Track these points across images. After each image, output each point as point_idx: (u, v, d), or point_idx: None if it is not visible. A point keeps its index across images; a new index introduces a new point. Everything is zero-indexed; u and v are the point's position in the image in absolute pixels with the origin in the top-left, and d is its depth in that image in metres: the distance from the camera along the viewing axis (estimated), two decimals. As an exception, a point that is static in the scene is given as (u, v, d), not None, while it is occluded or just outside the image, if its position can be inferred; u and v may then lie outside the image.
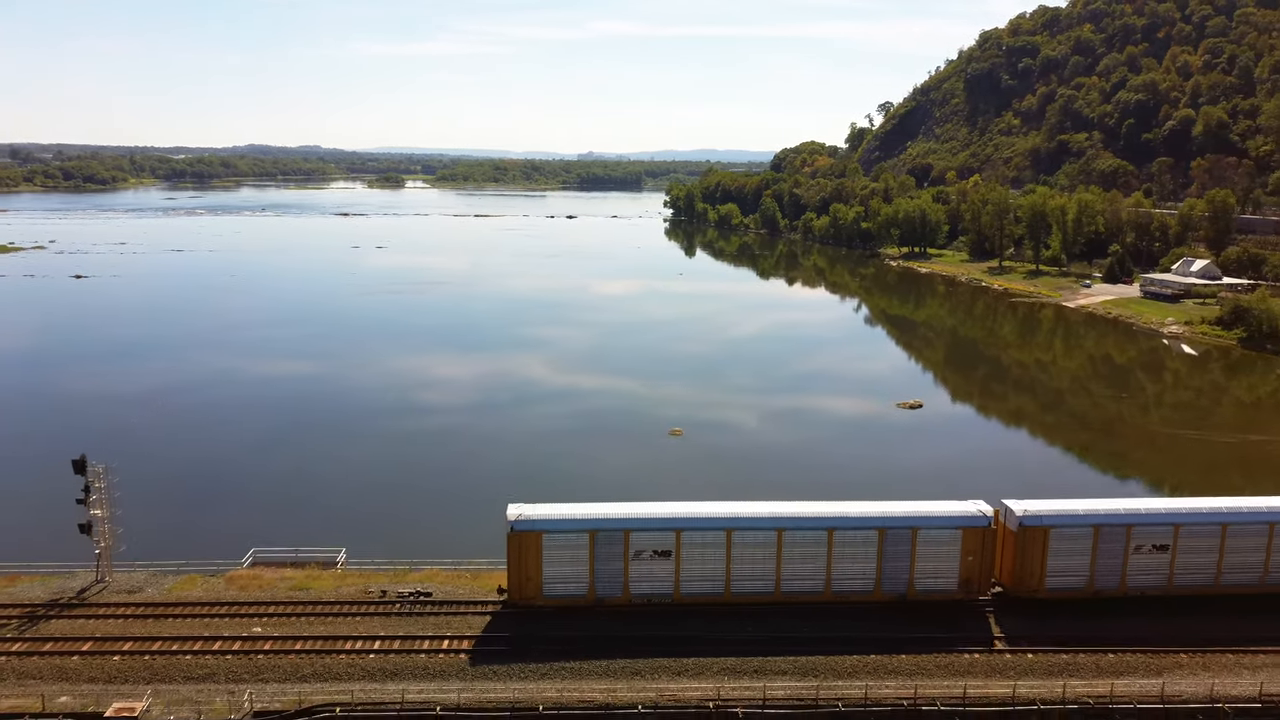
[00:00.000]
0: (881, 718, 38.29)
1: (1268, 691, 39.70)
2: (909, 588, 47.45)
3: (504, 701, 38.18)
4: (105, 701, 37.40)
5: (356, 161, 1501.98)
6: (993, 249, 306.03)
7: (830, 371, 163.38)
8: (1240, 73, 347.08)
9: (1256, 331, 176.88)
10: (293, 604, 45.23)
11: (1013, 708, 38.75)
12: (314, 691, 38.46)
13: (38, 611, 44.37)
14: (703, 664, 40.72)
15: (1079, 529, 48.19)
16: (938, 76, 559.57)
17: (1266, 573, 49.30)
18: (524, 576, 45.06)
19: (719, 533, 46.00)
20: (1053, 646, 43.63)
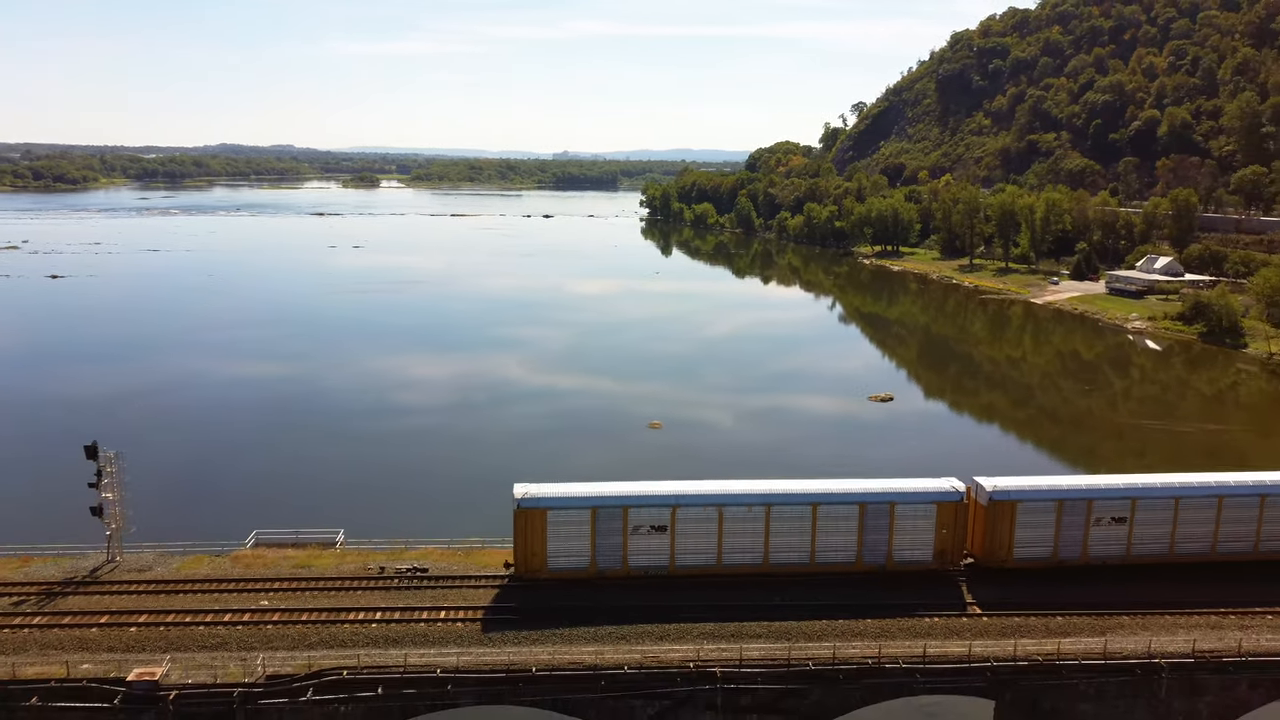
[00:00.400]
0: (848, 675, 41.55)
1: (1200, 648, 43.27)
2: (888, 559, 50.85)
3: (499, 664, 41.07)
4: (126, 668, 39.89)
5: (331, 161, 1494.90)
6: (963, 247, 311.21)
7: (805, 370, 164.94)
8: (1203, 74, 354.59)
9: (1216, 326, 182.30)
10: (297, 580, 47.90)
11: (968, 664, 42.18)
12: (322, 657, 41.17)
13: (54, 589, 46.75)
14: (684, 628, 43.82)
15: (1044, 503, 51.82)
16: (910, 77, 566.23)
17: (1216, 542, 53.07)
18: (530, 551, 48.12)
19: (711, 509, 49.23)
20: (1006, 610, 47.01)
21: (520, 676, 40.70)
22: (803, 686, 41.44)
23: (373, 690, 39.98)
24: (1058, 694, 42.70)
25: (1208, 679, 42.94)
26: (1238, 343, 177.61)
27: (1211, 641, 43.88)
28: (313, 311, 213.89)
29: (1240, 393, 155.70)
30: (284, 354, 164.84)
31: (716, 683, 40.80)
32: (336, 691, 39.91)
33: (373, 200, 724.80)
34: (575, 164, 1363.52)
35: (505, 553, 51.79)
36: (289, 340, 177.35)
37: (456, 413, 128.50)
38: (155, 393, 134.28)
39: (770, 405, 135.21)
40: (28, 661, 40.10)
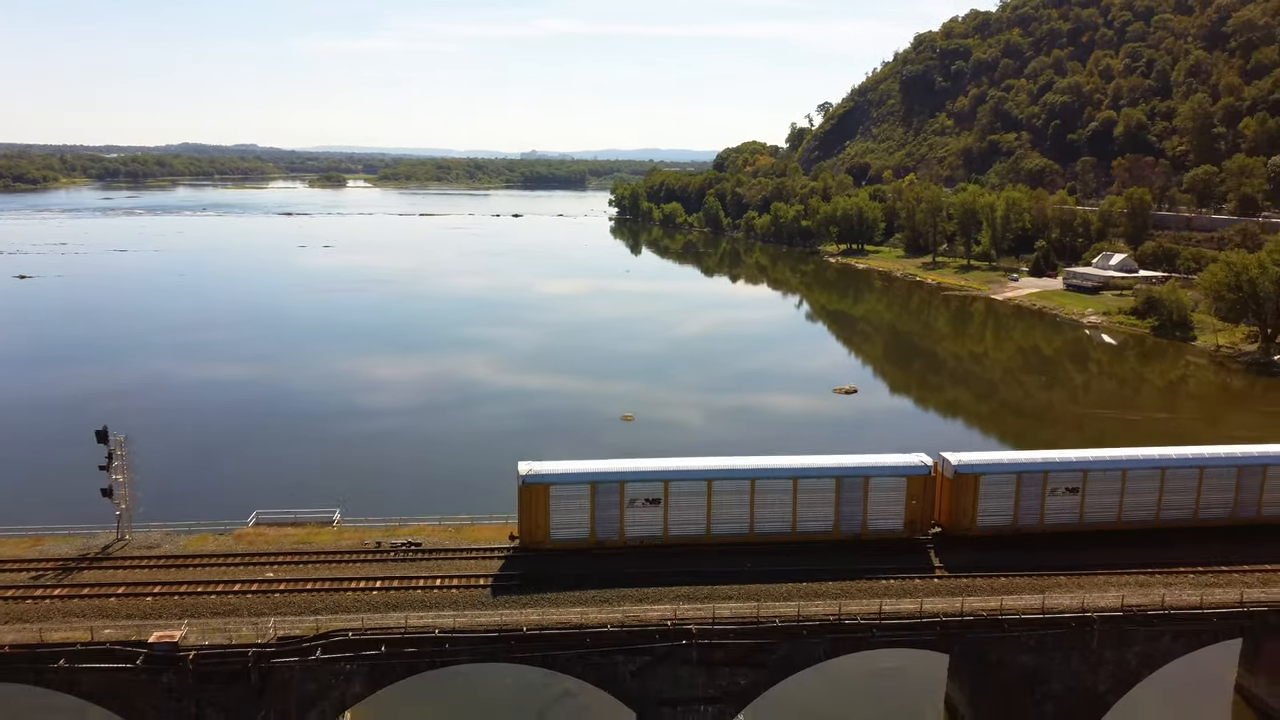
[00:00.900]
0: (811, 631, 45.51)
1: (1128, 603, 47.67)
2: (863, 528, 54.96)
3: (493, 625, 44.57)
4: (146, 632, 42.88)
5: (296, 161, 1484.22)
6: (927, 245, 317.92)
7: (773, 368, 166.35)
8: (1157, 76, 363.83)
9: (1167, 321, 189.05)
10: (299, 554, 51.07)
11: (920, 620, 46.29)
12: (328, 620, 44.46)
13: (69, 564, 49.58)
14: (663, 591, 47.55)
15: (1004, 476, 56.31)
16: (874, 78, 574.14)
17: (1160, 510, 57.78)
18: (534, 523, 51.88)
19: (701, 483, 53.19)
20: (959, 573, 51.27)
21: (512, 636, 44.31)
22: (770, 642, 45.41)
23: (376, 649, 43.43)
24: (1001, 646, 46.99)
25: (1135, 631, 47.40)
26: (1187, 336, 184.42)
27: (1139, 598, 48.39)
28: (283, 312, 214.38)
29: (1189, 384, 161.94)
30: (252, 355, 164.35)
31: (692, 639, 44.68)
32: (343, 651, 43.32)
33: (340, 200, 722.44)
34: (543, 163, 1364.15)
35: (493, 529, 55.37)
36: (257, 341, 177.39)
37: (424, 414, 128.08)
38: (122, 395, 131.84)
39: (739, 404, 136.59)
40: (53, 628, 43.10)
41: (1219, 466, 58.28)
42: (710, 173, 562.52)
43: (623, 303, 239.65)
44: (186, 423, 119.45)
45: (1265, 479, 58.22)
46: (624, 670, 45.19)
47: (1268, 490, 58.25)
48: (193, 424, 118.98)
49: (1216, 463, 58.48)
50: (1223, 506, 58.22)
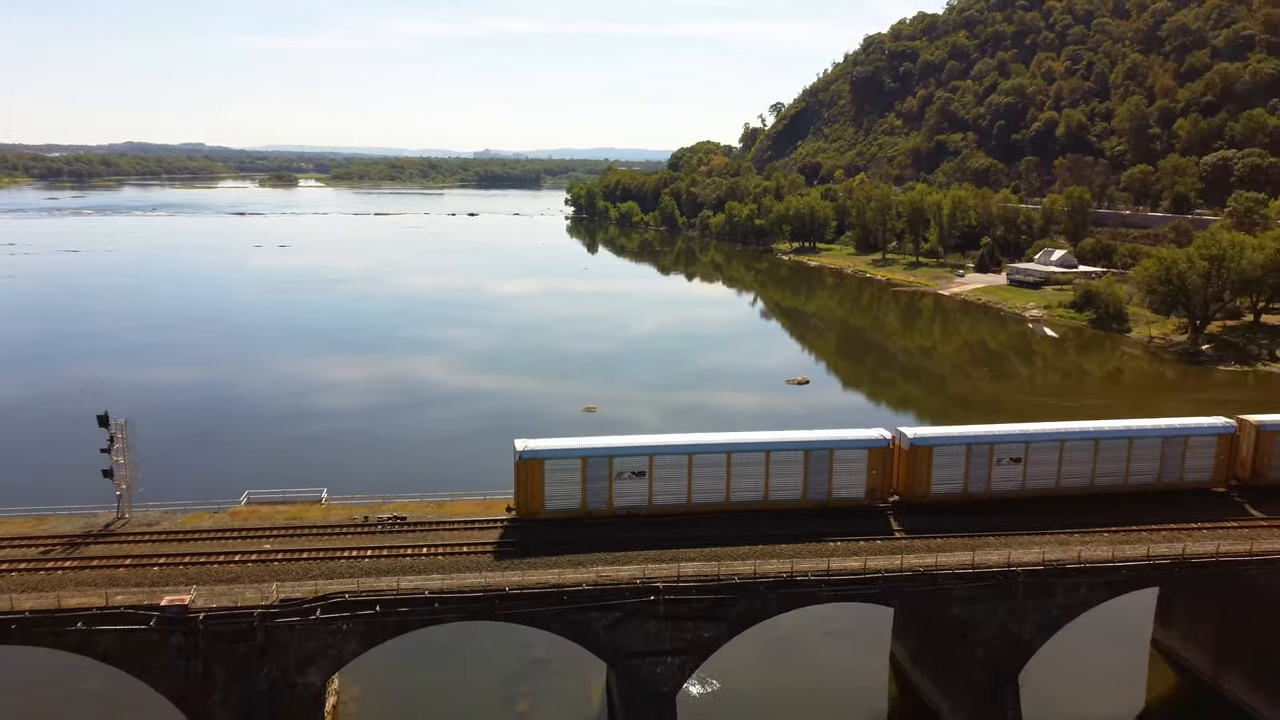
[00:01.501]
0: (766, 586, 50.25)
1: (1048, 558, 53.05)
2: (828, 496, 59.90)
3: (478, 586, 48.62)
4: (156, 598, 46.15)
5: (245, 160, 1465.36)
6: (877, 242, 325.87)
7: (728, 366, 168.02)
8: (1097, 79, 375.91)
9: (1104, 313, 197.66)
10: (292, 528, 54.63)
11: (863, 576, 51.23)
12: (325, 584, 48.15)
13: (75, 540, 52.67)
14: (632, 555, 51.91)
15: (955, 447, 61.62)
16: (826, 79, 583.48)
17: (1094, 478, 63.51)
18: (529, 496, 56.19)
19: (682, 456, 57.94)
20: (907, 535, 56.46)
21: (495, 596, 48.47)
22: (730, 597, 50.09)
23: (371, 609, 47.31)
24: (936, 599, 52.09)
25: (1055, 582, 52.79)
26: (1123, 328, 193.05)
27: (1059, 553, 53.78)
28: (239, 312, 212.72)
29: (1125, 373, 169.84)
30: (208, 356, 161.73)
31: (660, 595, 49.20)
32: (340, 611, 47.15)
33: (293, 200, 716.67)
34: (498, 162, 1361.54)
35: (471, 504, 59.41)
36: (211, 342, 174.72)
37: (380, 415, 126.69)
38: (78, 395, 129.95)
39: (694, 401, 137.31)
40: (68, 595, 46.37)
41: (1146, 437, 64.17)
42: (665, 172, 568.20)
43: (579, 302, 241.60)
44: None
45: (1186, 448, 64.23)
46: (598, 625, 49.60)
47: (1189, 458, 64.34)
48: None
49: (1143, 434, 64.39)
50: (1149, 473, 64.09)
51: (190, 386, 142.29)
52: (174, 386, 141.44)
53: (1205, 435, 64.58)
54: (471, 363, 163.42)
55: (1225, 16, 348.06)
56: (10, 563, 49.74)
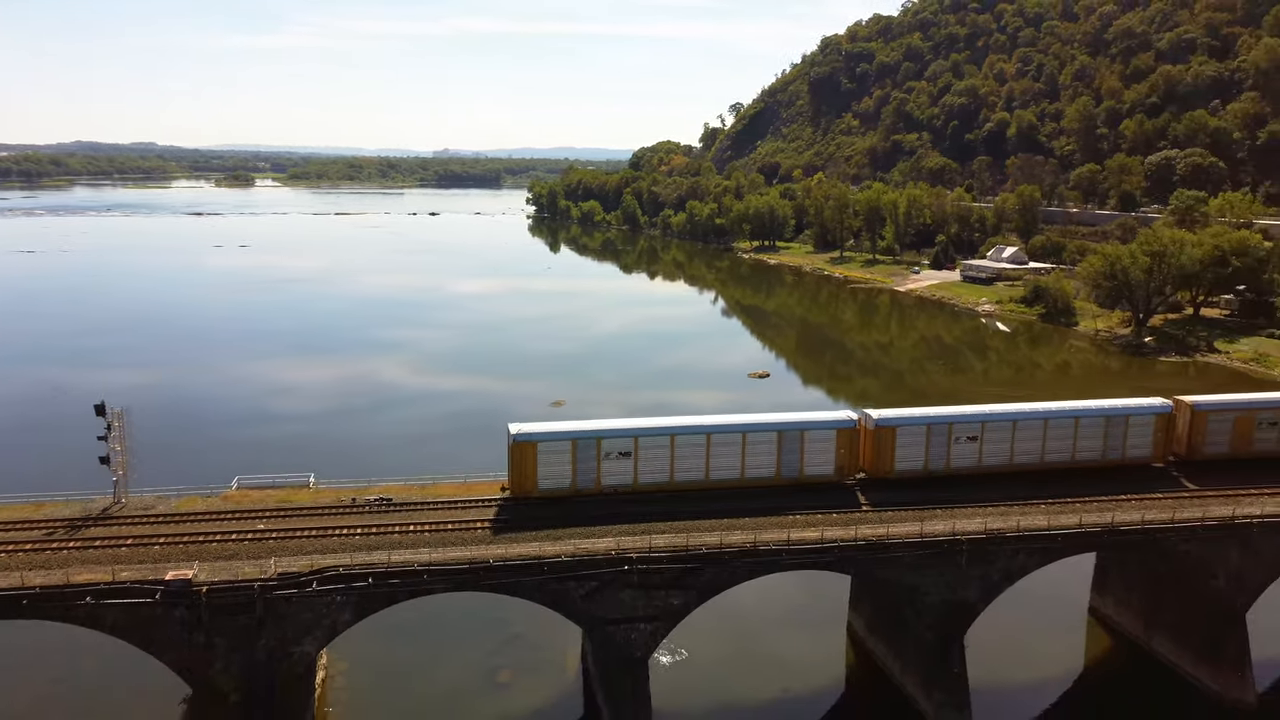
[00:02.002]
0: (731, 556, 54.14)
1: (989, 527, 57.45)
2: (800, 473, 63.96)
3: (463, 559, 51.91)
4: (160, 573, 48.94)
5: (200, 159, 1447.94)
6: (834, 240, 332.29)
7: (690, 364, 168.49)
8: (1047, 80, 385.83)
9: (1053, 308, 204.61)
10: (284, 509, 57.47)
11: (820, 546, 55.33)
12: (320, 559, 51.31)
13: (76, 523, 55.24)
14: (607, 529, 55.53)
15: (916, 427, 66.04)
16: (784, 79, 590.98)
17: (1044, 454, 68.25)
18: (523, 476, 59.69)
19: (665, 438, 61.73)
20: (867, 508, 60.80)
21: (480, 567, 51.85)
22: (698, 566, 53.92)
23: (365, 581, 50.53)
24: (887, 566, 56.29)
25: (995, 550, 57.24)
26: (1071, 322, 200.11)
27: (999, 523, 58.25)
28: (202, 312, 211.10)
29: (1072, 365, 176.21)
30: (168, 359, 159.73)
31: (633, 565, 52.91)
32: (335, 583, 50.27)
33: (251, 199, 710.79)
34: (457, 162, 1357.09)
35: (453, 486, 62.73)
36: (170, 344, 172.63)
37: (338, 418, 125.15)
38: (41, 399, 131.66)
39: (656, 400, 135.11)
40: (76, 572, 49.04)
41: (1090, 416, 68.99)
42: (627, 172, 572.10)
43: (542, 301, 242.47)
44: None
45: (1128, 427, 69.17)
46: (575, 595, 53.17)
47: (1130, 436, 69.25)
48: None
49: (1088, 413, 69.24)
50: (1094, 450, 68.89)
51: (154, 387, 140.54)
52: (140, 386, 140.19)
53: (1145, 415, 69.56)
54: (435, 363, 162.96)
55: (1168, 20, 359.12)
56: (15, 544, 52.26)
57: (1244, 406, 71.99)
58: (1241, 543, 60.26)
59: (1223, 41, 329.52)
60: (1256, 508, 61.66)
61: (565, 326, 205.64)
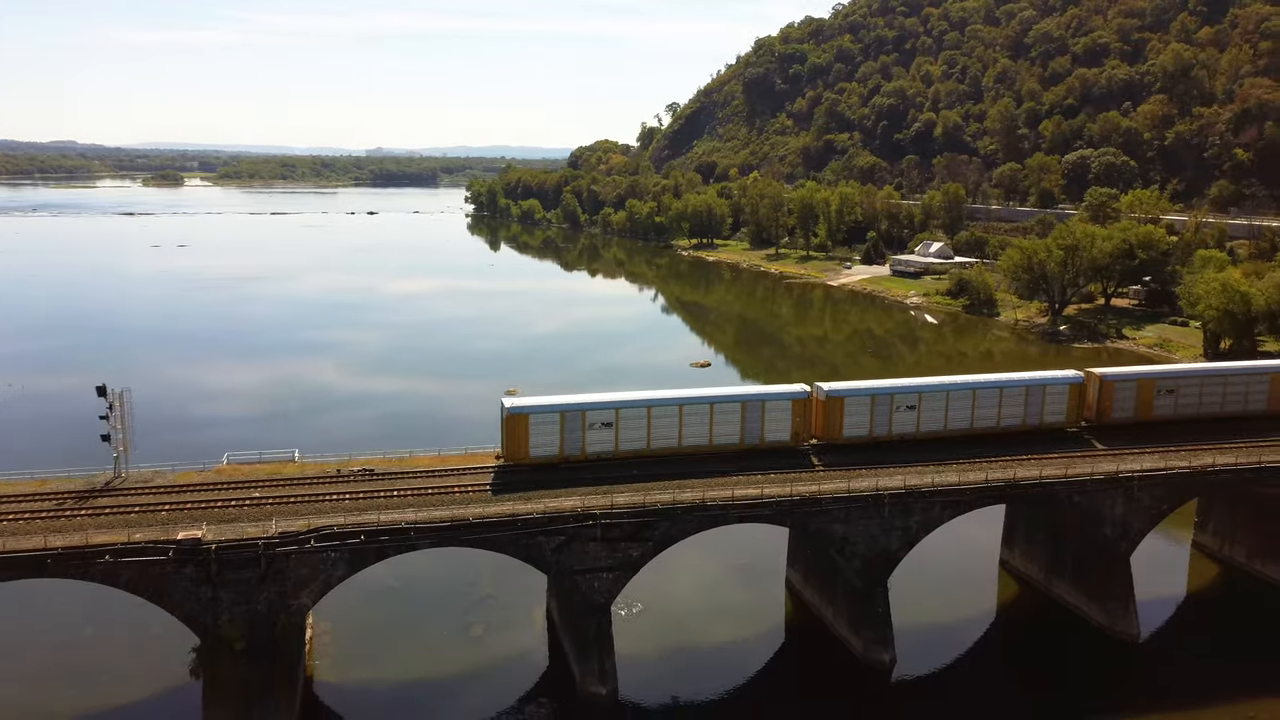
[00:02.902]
0: (683, 510, 60.99)
1: (908, 484, 65.24)
2: (761, 439, 71.48)
3: (445, 518, 57.85)
4: (171, 533, 54.26)
5: (124, 158, 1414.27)
6: (770, 238, 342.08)
7: (630, 362, 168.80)
8: (970, 82, 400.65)
9: (976, 300, 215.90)
10: (275, 480, 62.64)
11: (760, 501, 62.55)
12: (315, 519, 57.05)
13: (85, 494, 59.91)
14: (572, 490, 62.03)
15: (862, 398, 73.93)
16: (719, 79, 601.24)
17: (973, 421, 76.49)
18: (516, 445, 66.12)
19: (642, 409, 68.88)
20: (802, 469, 68.34)
21: (461, 525, 57.95)
22: (653, 520, 60.72)
23: (357, 538, 56.36)
24: (820, 518, 63.73)
25: (913, 503, 65.04)
26: (993, 312, 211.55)
27: (916, 480, 66.08)
28: (146, 314, 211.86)
29: (995, 353, 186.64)
30: (78, 363, 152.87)
31: (597, 520, 59.53)
32: (330, 540, 56.00)
33: (182, 199, 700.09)
34: (392, 160, 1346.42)
35: (429, 458, 68.62)
36: (83, 350, 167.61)
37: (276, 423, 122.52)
38: None
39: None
40: (92, 534, 54.02)
41: (1013, 387, 77.65)
42: (566, 171, 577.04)
43: (490, 300, 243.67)
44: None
45: (1045, 395, 77.86)
46: (546, 548, 59.58)
47: (1047, 404, 77.95)
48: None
49: (1011, 384, 77.87)
50: (1016, 416, 77.37)
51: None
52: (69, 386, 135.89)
53: (1060, 384, 78.64)
54: (368, 365, 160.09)
55: (1083, 25, 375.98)
56: (31, 513, 57.04)
57: (1145, 376, 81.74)
58: (1125, 494, 69.05)
59: (1133, 46, 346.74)
60: (1138, 464, 70.50)
61: (501, 328, 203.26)
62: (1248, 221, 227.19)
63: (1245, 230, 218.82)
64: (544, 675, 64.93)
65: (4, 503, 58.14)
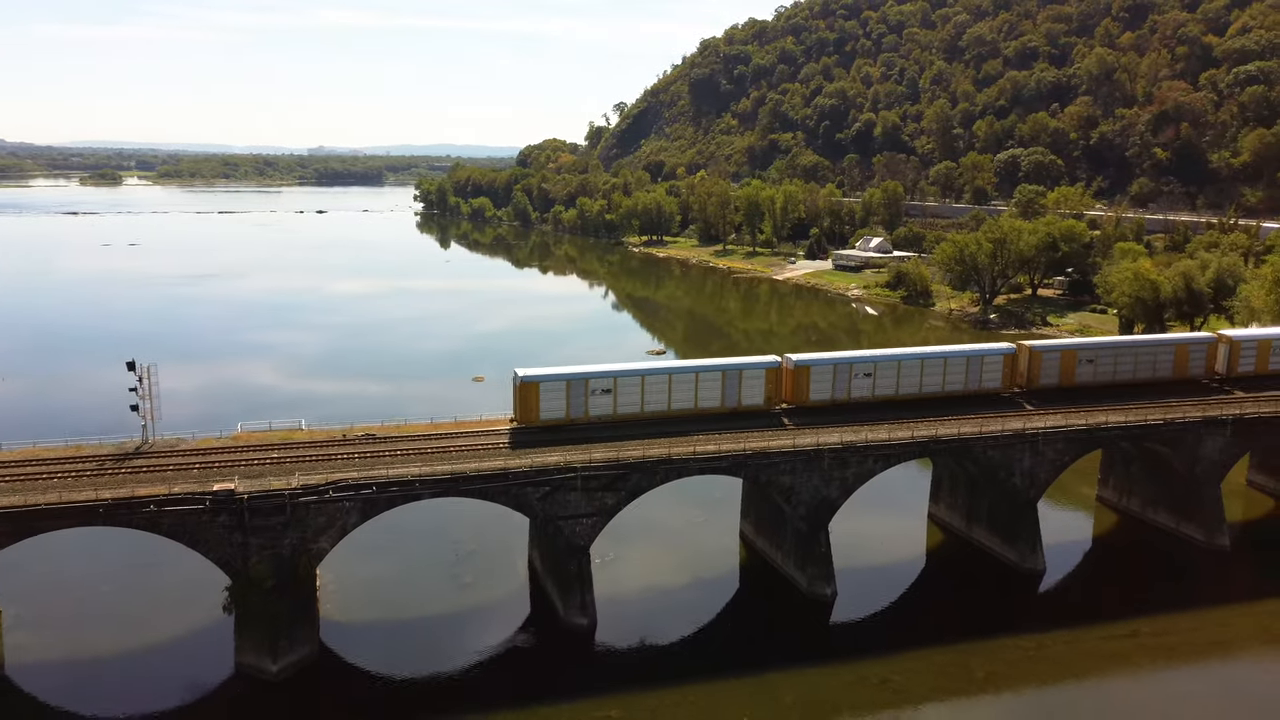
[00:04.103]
0: (651, 464, 70.00)
1: (844, 440, 75.27)
2: (739, 403, 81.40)
3: (445, 472, 66.08)
4: (207, 486, 61.69)
5: (57, 157, 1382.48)
6: (718, 234, 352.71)
7: (580, 358, 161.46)
8: (908, 84, 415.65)
9: (913, 291, 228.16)
10: (289, 444, 70.25)
11: (718, 455, 71.94)
12: (332, 473, 65.12)
13: (120, 457, 67.07)
14: (558, 449, 70.78)
15: (825, 367, 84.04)
16: (665, 80, 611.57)
17: (921, 386, 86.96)
18: (528, 409, 75.29)
19: (637, 378, 78.44)
20: (754, 428, 77.95)
21: (459, 478, 66.32)
22: (626, 472, 69.72)
23: (370, 489, 64.45)
24: (769, 470, 73.19)
25: (850, 457, 74.83)
26: (929, 303, 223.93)
27: (851, 436, 75.97)
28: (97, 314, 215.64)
29: (930, 340, 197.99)
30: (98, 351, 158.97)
31: (576, 473, 68.39)
32: (346, 491, 64.02)
33: (123, 198, 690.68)
34: (336, 159, 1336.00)
35: (424, 425, 76.93)
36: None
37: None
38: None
39: None
40: (136, 487, 61.53)
41: (956, 357, 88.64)
42: (516, 169, 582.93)
43: (450, 298, 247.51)
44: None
45: (983, 364, 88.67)
46: (533, 498, 68.24)
47: (984, 371, 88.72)
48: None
49: (954, 355, 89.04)
50: (958, 383, 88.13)
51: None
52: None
53: (995, 355, 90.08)
54: (306, 367, 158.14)
55: (1014, 30, 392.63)
56: (77, 471, 64.34)
57: (1068, 347, 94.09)
58: (1031, 448, 79.69)
59: (1061, 50, 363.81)
60: (1042, 422, 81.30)
61: (446, 326, 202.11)
62: (1163, 217, 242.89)
63: (1161, 225, 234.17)
64: (529, 614, 73.65)
65: (49, 464, 65.36)
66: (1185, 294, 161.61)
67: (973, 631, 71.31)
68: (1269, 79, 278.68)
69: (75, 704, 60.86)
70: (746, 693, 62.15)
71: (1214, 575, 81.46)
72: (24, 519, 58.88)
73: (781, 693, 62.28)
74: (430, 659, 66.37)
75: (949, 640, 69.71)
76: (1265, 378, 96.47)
